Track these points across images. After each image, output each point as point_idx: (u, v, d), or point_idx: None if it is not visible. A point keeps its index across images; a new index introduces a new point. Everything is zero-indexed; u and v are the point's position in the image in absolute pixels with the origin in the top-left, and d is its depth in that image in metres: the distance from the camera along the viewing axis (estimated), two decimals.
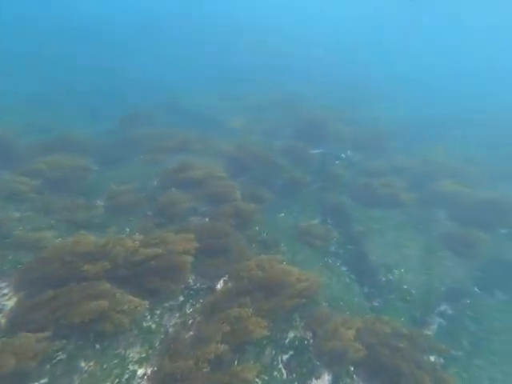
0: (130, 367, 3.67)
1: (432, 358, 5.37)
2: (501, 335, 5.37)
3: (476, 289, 6.32)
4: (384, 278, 6.45)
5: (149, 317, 4.34)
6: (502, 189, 8.76)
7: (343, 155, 11.56)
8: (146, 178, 7.75)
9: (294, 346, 4.50)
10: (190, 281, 5.03)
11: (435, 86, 23.95)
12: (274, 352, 4.28)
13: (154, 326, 4.25)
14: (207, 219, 6.72)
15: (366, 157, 11.88)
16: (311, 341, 4.61)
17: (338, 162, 10.88)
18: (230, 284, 4.92)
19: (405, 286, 6.18)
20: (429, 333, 5.80)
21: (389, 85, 22.99)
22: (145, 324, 4.23)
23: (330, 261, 6.90)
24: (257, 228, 6.74)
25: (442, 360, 5.33)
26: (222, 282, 5.00)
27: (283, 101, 15.70)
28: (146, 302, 4.19)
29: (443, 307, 6.02)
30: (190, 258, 4.99)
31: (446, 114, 17.71)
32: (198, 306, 4.70)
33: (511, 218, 7.29)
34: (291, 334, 4.62)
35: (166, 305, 4.57)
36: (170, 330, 4.25)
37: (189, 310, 4.62)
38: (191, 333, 4.21)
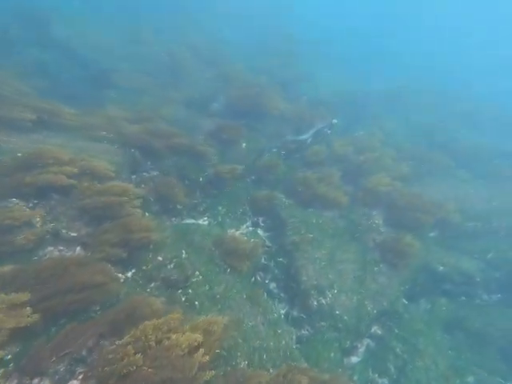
0: None
1: None
2: (424, 358, 5.19)
3: (404, 300, 6.07)
4: (316, 303, 5.59)
5: None
6: (430, 183, 8.79)
7: (280, 140, 10.07)
8: None
9: None
10: None
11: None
12: None
13: None
14: (78, 250, 4.45)
15: (304, 141, 10.65)
16: None
17: (274, 149, 9.36)
18: None
19: (337, 312, 5.44)
20: (357, 359, 5.32)
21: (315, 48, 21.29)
22: None
23: (257, 288, 5.66)
24: (160, 258, 4.84)
25: None
26: (77, 381, 3.11)
27: (207, 53, 12.50)
28: None
29: (373, 329, 5.58)
30: None
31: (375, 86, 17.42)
32: None
33: (438, 218, 7.21)
34: None
35: None
36: None
37: None
38: None
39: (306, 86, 15.57)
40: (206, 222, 7.15)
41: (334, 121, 9.06)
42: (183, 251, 5.44)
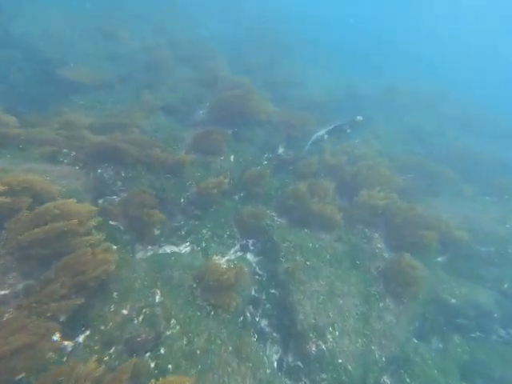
0: None
1: None
2: None
3: (415, 340, 5.36)
4: (314, 348, 4.80)
5: None
6: (433, 200, 8.15)
7: (273, 150, 9.25)
8: None
9: None
10: None
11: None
12: None
13: None
14: (10, 313, 3.42)
15: (297, 150, 9.84)
16: None
17: (265, 161, 8.55)
18: None
19: (340, 360, 4.67)
20: None
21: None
22: None
23: (246, 334, 4.81)
24: (125, 310, 3.90)
25: None
26: None
27: (192, 53, 11.45)
28: None
29: (382, 379, 4.83)
30: None
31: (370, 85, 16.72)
32: None
33: (445, 240, 6.59)
34: None
35: None
36: None
37: None
38: None
39: (298, 89, 14.87)
40: (187, 249, 6.25)
41: (359, 117, 7.33)
42: (157, 293, 4.53)
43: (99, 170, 5.43)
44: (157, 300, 4.42)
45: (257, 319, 5.55)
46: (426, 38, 33.67)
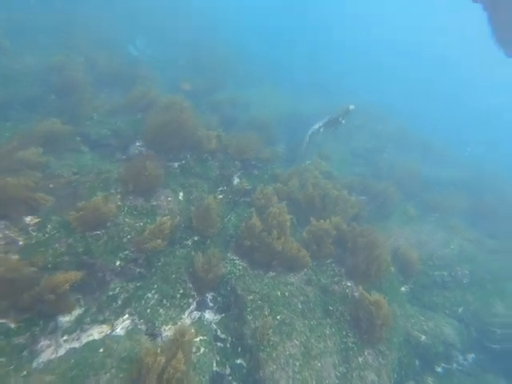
0: None
1: None
2: None
3: None
4: None
5: None
6: (386, 225, 8.37)
7: (228, 181, 8.35)
8: None
9: None
10: None
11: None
12: None
13: None
14: None
15: (251, 176, 9.14)
16: None
17: (220, 195, 7.61)
18: None
19: None
20: None
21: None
22: None
23: None
24: None
25: None
26: None
27: (114, 72, 9.95)
28: None
29: None
30: None
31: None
32: None
33: (407, 272, 6.64)
34: None
35: None
36: None
37: None
38: None
39: (245, 110, 14.47)
40: (126, 324, 4.83)
41: (352, 107, 7.32)
42: None
43: None
44: None
45: None
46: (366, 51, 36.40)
